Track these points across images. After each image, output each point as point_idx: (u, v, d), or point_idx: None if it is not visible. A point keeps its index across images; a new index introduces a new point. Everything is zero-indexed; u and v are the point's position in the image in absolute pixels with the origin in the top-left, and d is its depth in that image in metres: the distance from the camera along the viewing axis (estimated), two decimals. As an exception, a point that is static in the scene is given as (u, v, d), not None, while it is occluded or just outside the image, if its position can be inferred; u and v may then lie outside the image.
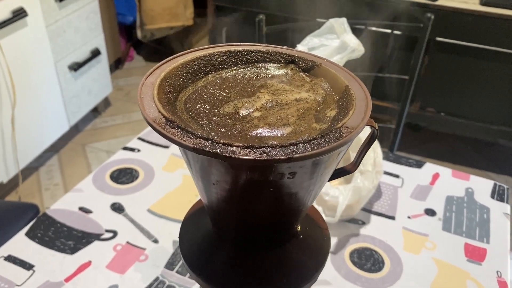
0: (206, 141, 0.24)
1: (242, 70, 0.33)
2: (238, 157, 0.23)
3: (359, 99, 0.28)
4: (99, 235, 0.73)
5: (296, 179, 0.26)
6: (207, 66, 0.32)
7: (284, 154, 0.23)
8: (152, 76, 0.29)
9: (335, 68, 0.32)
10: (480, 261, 0.72)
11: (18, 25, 1.59)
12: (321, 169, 0.27)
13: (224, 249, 0.34)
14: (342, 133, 0.25)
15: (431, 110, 1.91)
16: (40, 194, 1.80)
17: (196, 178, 0.29)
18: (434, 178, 0.88)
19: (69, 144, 2.07)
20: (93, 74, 2.06)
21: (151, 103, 0.27)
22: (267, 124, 0.27)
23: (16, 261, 0.68)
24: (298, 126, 0.27)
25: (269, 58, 0.34)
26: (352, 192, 0.73)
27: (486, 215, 0.80)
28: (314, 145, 0.24)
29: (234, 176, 0.26)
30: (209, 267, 0.33)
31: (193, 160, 0.28)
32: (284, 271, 0.33)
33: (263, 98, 0.30)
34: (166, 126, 0.25)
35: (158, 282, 0.66)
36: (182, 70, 0.31)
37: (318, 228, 0.36)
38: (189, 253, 0.34)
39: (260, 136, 0.26)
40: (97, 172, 0.85)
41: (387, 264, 0.71)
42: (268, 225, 0.32)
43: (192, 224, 0.36)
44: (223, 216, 0.32)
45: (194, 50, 0.33)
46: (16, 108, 1.63)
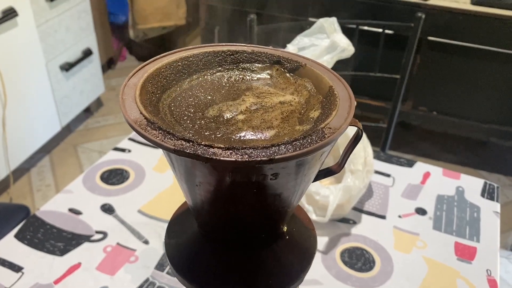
0: (187, 143, 0.24)
1: (228, 72, 0.33)
2: (219, 158, 0.23)
3: (343, 99, 0.28)
4: (89, 236, 0.73)
5: (279, 180, 0.26)
6: (191, 67, 0.32)
7: (266, 155, 0.23)
8: (135, 77, 0.29)
9: (320, 69, 0.32)
10: (470, 259, 0.72)
11: (8, 25, 1.57)
12: (304, 170, 0.27)
13: (210, 250, 0.33)
14: (324, 134, 0.25)
15: (423, 109, 1.92)
16: (31, 195, 1.79)
17: (180, 179, 0.29)
18: (425, 177, 0.88)
19: (61, 145, 2.05)
20: (85, 74, 2.04)
21: (133, 104, 0.26)
22: (251, 127, 0.27)
23: (5, 263, 0.68)
24: (281, 129, 0.27)
25: (254, 58, 0.34)
26: (342, 191, 0.73)
27: (476, 213, 0.81)
28: (296, 146, 0.24)
29: (217, 178, 0.26)
30: (195, 269, 0.33)
31: (176, 162, 0.28)
32: (271, 272, 0.33)
33: (248, 101, 0.30)
34: (147, 128, 0.25)
35: (148, 283, 0.66)
36: (166, 71, 0.31)
37: (305, 229, 0.36)
38: (174, 254, 0.34)
39: (244, 139, 0.26)
40: (88, 173, 0.85)
41: (378, 263, 0.71)
42: (253, 226, 0.32)
43: (178, 225, 0.35)
44: (208, 217, 0.32)
45: (178, 50, 0.33)
46: (6, 108, 1.61)
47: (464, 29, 1.64)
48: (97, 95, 2.20)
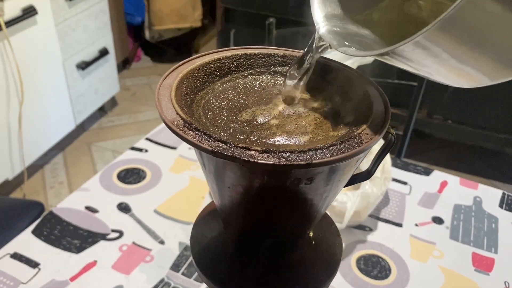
0: (224, 144, 0.24)
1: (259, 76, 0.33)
2: (256, 161, 0.23)
3: (377, 104, 0.28)
4: (105, 234, 0.73)
5: (313, 185, 0.26)
6: (223, 69, 0.32)
7: (303, 160, 0.23)
8: (170, 77, 0.29)
9: (353, 73, 0.32)
10: (488, 271, 0.71)
11: (28, 23, 1.59)
12: (338, 176, 0.27)
13: (236, 252, 0.33)
14: (361, 140, 0.25)
15: (438, 118, 1.90)
16: (44, 192, 1.80)
17: (210, 180, 0.29)
18: (442, 186, 0.87)
19: (75, 143, 2.07)
20: (101, 73, 2.06)
21: (169, 105, 0.27)
22: (285, 132, 0.27)
23: (22, 258, 0.68)
24: (315, 135, 0.27)
25: (285, 62, 0.33)
26: (360, 198, 0.72)
27: (494, 224, 0.80)
28: (333, 151, 0.24)
29: (251, 181, 0.26)
30: (220, 270, 0.33)
31: (208, 164, 0.27)
32: (296, 277, 0.33)
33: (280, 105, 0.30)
34: (184, 128, 0.25)
35: (163, 284, 0.66)
36: (199, 72, 0.31)
37: (331, 235, 0.35)
38: (200, 255, 0.34)
39: (278, 144, 0.26)
40: (104, 172, 0.85)
41: (394, 272, 0.70)
42: (281, 230, 0.32)
43: (204, 226, 0.35)
44: (236, 219, 0.32)
45: (211, 52, 0.33)
46: (23, 105, 1.63)
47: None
48: (112, 95, 2.22)
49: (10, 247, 0.70)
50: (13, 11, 1.52)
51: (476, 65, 0.23)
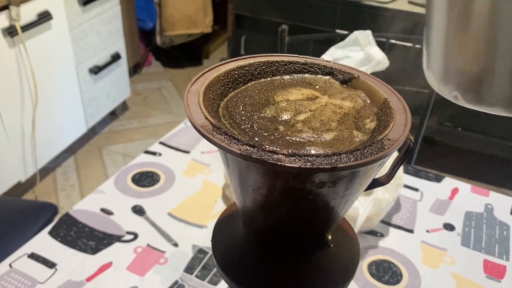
0: (252, 148, 0.25)
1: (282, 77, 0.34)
2: (283, 164, 0.24)
3: (398, 111, 0.29)
4: (120, 236, 0.74)
5: (336, 188, 0.27)
6: (247, 76, 0.33)
7: (328, 164, 0.24)
8: (197, 83, 0.30)
9: (373, 81, 0.32)
10: (500, 278, 0.71)
11: (43, 28, 1.62)
12: (360, 180, 0.28)
13: (257, 254, 0.34)
14: (384, 145, 0.26)
15: (448, 125, 1.90)
16: (56, 194, 1.82)
17: (234, 182, 0.30)
18: (453, 193, 0.88)
19: (86, 146, 2.09)
20: (113, 77, 2.09)
21: (197, 110, 0.28)
22: (310, 129, 0.28)
23: (39, 259, 0.70)
24: (340, 132, 0.28)
25: (306, 69, 0.35)
26: (372, 204, 0.73)
27: (506, 232, 0.80)
28: (357, 155, 0.25)
29: (276, 183, 0.27)
30: (241, 270, 0.34)
31: (233, 166, 0.29)
32: (315, 279, 0.33)
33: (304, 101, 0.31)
34: (213, 133, 0.26)
35: (177, 286, 0.67)
36: (224, 78, 0.32)
37: (349, 238, 0.36)
38: (221, 255, 0.34)
39: (303, 141, 0.27)
40: (119, 175, 0.86)
41: (405, 277, 0.71)
42: (301, 232, 0.33)
43: (225, 227, 0.36)
44: (258, 221, 0.33)
45: (234, 59, 0.34)
46: (37, 108, 1.66)
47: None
48: (123, 99, 2.24)
49: (27, 247, 0.71)
50: (28, 16, 1.54)
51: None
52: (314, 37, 1.11)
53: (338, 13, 1.73)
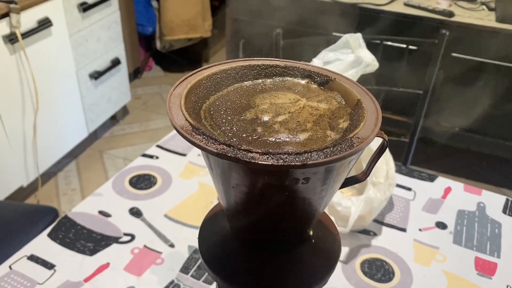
0: (228, 147, 0.26)
1: (262, 81, 0.36)
2: (257, 162, 0.25)
3: (370, 112, 0.31)
4: (117, 238, 0.76)
5: (310, 184, 0.28)
6: (228, 79, 0.35)
7: (299, 161, 0.26)
8: (180, 87, 0.32)
9: (349, 83, 0.34)
10: (491, 275, 0.73)
11: (43, 34, 1.64)
12: (333, 176, 0.29)
13: (241, 250, 0.36)
14: (353, 143, 0.27)
15: (445, 125, 1.91)
16: (57, 198, 1.84)
17: (217, 181, 0.32)
18: (446, 192, 0.89)
19: (87, 151, 2.11)
20: (113, 82, 2.11)
21: (178, 112, 0.29)
22: (286, 129, 0.29)
23: (38, 260, 0.71)
24: (314, 132, 0.29)
25: (286, 72, 0.36)
26: (364, 203, 0.74)
27: (497, 230, 0.81)
28: (327, 153, 0.26)
29: (253, 180, 0.28)
30: (226, 266, 0.35)
31: (215, 165, 0.30)
32: (297, 272, 0.35)
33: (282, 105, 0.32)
34: (192, 133, 0.27)
35: (173, 285, 0.68)
36: (207, 82, 0.33)
37: (330, 234, 0.38)
38: (207, 252, 0.36)
39: (279, 141, 0.29)
40: (117, 178, 0.88)
41: (397, 275, 0.72)
42: (282, 228, 0.34)
43: (211, 226, 0.38)
44: (240, 218, 0.34)
45: (217, 64, 0.35)
46: (38, 113, 1.68)
47: (488, 46, 1.64)
48: (124, 103, 2.26)
49: (27, 250, 0.73)
50: (29, 23, 1.57)
51: None
52: (308, 40, 1.12)
53: (335, 16, 1.75)
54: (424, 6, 1.70)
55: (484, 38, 1.62)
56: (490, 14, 1.69)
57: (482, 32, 1.62)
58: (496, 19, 1.63)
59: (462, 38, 1.66)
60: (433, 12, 1.68)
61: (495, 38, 1.61)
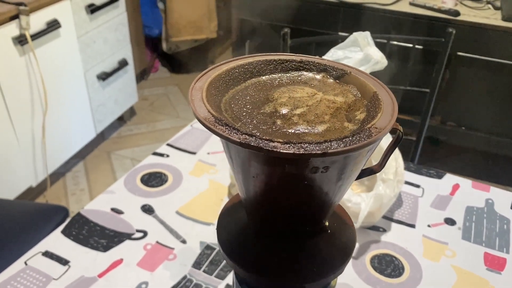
0: (250, 137, 0.27)
1: (279, 76, 0.37)
2: (279, 151, 0.26)
3: (386, 103, 0.31)
4: (130, 234, 0.77)
5: (329, 173, 0.29)
6: (246, 74, 0.36)
7: (320, 149, 0.26)
8: (200, 81, 0.33)
9: (364, 76, 0.35)
10: (500, 270, 0.73)
11: (52, 36, 1.66)
12: (350, 166, 0.30)
13: (258, 240, 0.37)
14: (371, 133, 0.28)
15: (451, 124, 1.92)
16: (66, 198, 1.86)
17: (237, 172, 0.33)
18: (454, 189, 0.90)
19: (95, 151, 2.13)
20: (120, 84, 2.12)
21: (201, 104, 0.30)
22: (305, 121, 0.30)
23: (53, 256, 0.72)
24: (332, 124, 0.30)
25: (302, 66, 0.37)
26: (373, 199, 0.75)
27: (506, 225, 0.82)
28: (346, 142, 0.27)
29: (273, 170, 0.29)
30: (244, 255, 0.36)
31: (235, 155, 0.31)
32: (313, 262, 0.36)
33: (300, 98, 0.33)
34: (215, 124, 0.28)
35: (186, 281, 0.70)
36: (226, 76, 0.35)
37: (345, 224, 0.39)
38: (225, 242, 0.37)
39: (298, 132, 0.30)
40: (128, 176, 0.89)
41: (407, 270, 0.72)
42: (300, 218, 0.35)
43: (229, 216, 0.39)
44: (259, 209, 0.35)
45: (235, 59, 0.36)
46: (47, 114, 1.69)
47: (494, 44, 1.64)
48: (131, 104, 2.28)
49: (41, 246, 0.74)
50: (38, 24, 1.59)
51: None
52: (316, 40, 1.13)
53: (341, 16, 1.75)
54: (429, 6, 1.71)
55: (490, 37, 1.63)
56: (496, 13, 1.69)
57: (488, 31, 1.62)
58: (502, 18, 1.64)
59: (468, 37, 1.66)
60: (439, 11, 1.68)
61: (501, 36, 1.61)
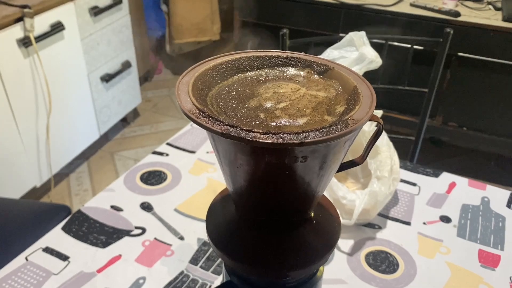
0: (232, 128, 0.28)
1: (265, 72, 0.38)
2: (258, 140, 0.28)
3: (366, 96, 0.33)
4: (129, 231, 0.78)
5: (308, 163, 0.30)
6: (233, 69, 0.37)
7: (297, 139, 0.28)
8: (187, 76, 0.34)
9: (346, 71, 0.36)
10: (494, 266, 0.74)
11: (55, 38, 1.68)
12: (330, 156, 0.31)
13: (245, 230, 0.38)
14: (348, 124, 0.29)
15: (453, 125, 1.92)
16: (70, 198, 1.88)
17: (222, 163, 0.34)
18: (450, 187, 0.90)
19: (99, 152, 2.15)
20: (124, 85, 2.14)
21: (186, 98, 0.32)
22: (287, 115, 0.31)
23: (53, 252, 0.74)
24: (313, 117, 0.32)
25: (288, 62, 0.38)
26: (368, 196, 0.76)
27: (501, 223, 0.82)
28: (323, 132, 0.28)
29: (255, 159, 0.31)
30: (232, 245, 0.37)
31: (220, 146, 0.32)
32: (298, 251, 0.37)
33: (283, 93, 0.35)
34: (199, 116, 0.30)
35: (183, 276, 0.71)
36: (213, 71, 0.36)
37: (330, 216, 0.40)
38: (214, 232, 0.38)
39: (280, 125, 0.31)
40: (128, 174, 0.91)
41: (402, 267, 0.73)
42: (284, 209, 0.36)
43: (218, 208, 0.40)
44: (245, 199, 0.36)
45: (222, 55, 0.38)
46: (51, 116, 1.72)
47: (495, 45, 1.65)
48: (134, 106, 2.30)
49: (42, 242, 0.76)
50: (42, 27, 1.61)
51: None
52: (314, 40, 1.14)
53: (342, 17, 1.77)
54: (430, 7, 1.71)
55: (491, 38, 1.63)
56: (497, 14, 1.70)
57: (488, 31, 1.62)
58: (502, 19, 1.64)
59: (469, 37, 1.67)
60: (440, 12, 1.69)
61: (502, 37, 1.62)
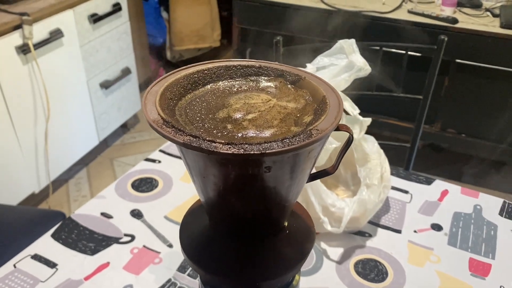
0: (194, 138, 0.28)
1: (238, 82, 0.38)
2: (219, 151, 0.28)
3: (333, 106, 0.33)
4: (118, 238, 0.78)
5: (273, 173, 0.30)
6: (205, 79, 0.37)
7: (258, 150, 0.28)
8: (157, 85, 0.34)
9: (317, 81, 0.36)
10: (484, 276, 0.73)
11: (54, 45, 1.70)
12: (296, 166, 0.31)
13: (219, 241, 0.38)
14: (311, 134, 0.29)
15: (451, 131, 1.91)
16: (68, 204, 1.88)
17: (191, 173, 0.34)
18: (442, 195, 0.90)
19: (98, 158, 2.16)
20: (123, 92, 2.15)
21: (153, 108, 0.32)
22: (254, 126, 0.31)
23: (41, 259, 0.74)
24: (279, 128, 0.32)
25: (261, 72, 0.38)
26: (357, 204, 0.75)
27: (493, 231, 0.82)
28: (286, 143, 0.28)
29: (220, 170, 0.31)
30: (206, 257, 0.37)
31: (187, 157, 0.32)
32: (271, 261, 0.37)
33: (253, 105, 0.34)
34: (163, 126, 0.30)
35: (170, 284, 0.71)
36: (183, 81, 0.36)
37: (305, 225, 0.40)
38: (188, 245, 0.38)
39: (246, 136, 0.31)
40: (120, 181, 0.91)
41: (391, 275, 0.73)
42: (255, 219, 0.36)
43: (191, 219, 0.40)
44: (216, 209, 0.36)
45: (195, 64, 0.38)
46: (49, 122, 1.72)
47: (493, 52, 1.64)
48: (134, 112, 2.31)
49: (31, 249, 0.76)
50: (41, 34, 1.62)
51: None
52: (308, 47, 1.14)
53: (339, 24, 1.77)
54: (428, 13, 1.71)
55: (489, 44, 1.63)
56: (495, 20, 1.69)
57: (486, 38, 1.62)
58: (500, 25, 1.64)
59: (467, 44, 1.66)
60: (437, 19, 1.69)
61: (500, 44, 1.61)
